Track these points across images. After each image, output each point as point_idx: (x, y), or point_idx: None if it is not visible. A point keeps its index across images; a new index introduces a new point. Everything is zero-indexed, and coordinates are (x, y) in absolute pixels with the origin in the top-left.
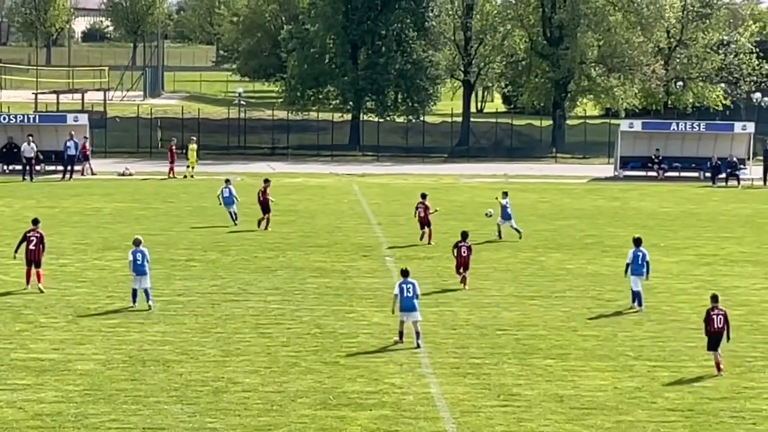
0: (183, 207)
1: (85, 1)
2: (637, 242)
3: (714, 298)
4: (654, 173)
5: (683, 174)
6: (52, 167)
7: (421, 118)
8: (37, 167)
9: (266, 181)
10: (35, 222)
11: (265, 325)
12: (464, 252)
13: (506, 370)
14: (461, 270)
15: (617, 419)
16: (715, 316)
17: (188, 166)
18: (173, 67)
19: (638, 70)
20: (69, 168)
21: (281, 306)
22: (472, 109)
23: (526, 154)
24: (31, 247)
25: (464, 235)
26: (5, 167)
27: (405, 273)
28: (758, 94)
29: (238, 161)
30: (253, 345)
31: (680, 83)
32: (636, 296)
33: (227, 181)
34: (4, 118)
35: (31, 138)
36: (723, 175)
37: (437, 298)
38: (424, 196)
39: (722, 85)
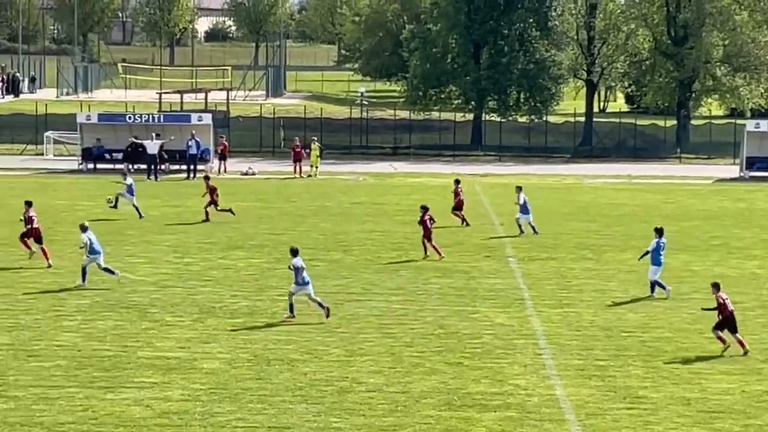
0: (305, 206)
1: (209, 1)
2: (660, 232)
3: (716, 286)
4: None
5: None
6: (177, 166)
7: (544, 118)
8: (162, 166)
9: (457, 181)
10: (29, 204)
11: (389, 326)
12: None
13: (632, 373)
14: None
15: (745, 423)
16: (725, 301)
17: (311, 166)
18: (295, 67)
19: (765, 69)
20: (192, 167)
21: (404, 306)
22: (595, 108)
23: (650, 154)
24: (35, 225)
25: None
26: (130, 167)
27: None
28: None
29: (360, 161)
30: (377, 345)
31: None
32: (655, 285)
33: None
34: (129, 118)
35: (155, 136)
36: None
37: (561, 299)
38: (457, 181)
39: None
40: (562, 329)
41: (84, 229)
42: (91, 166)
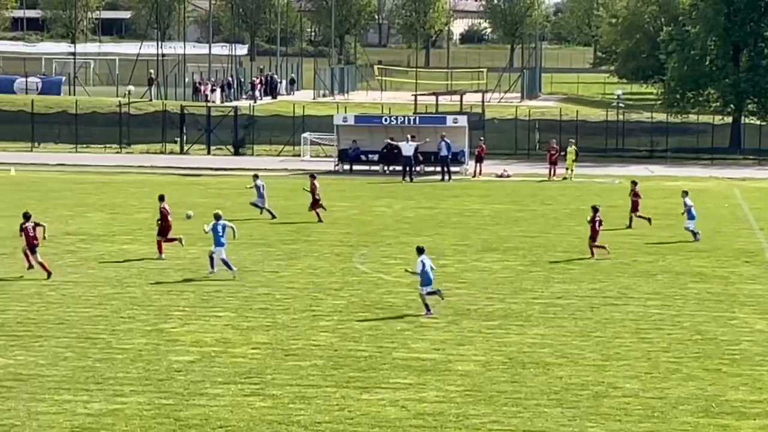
0: (561, 209)
1: (464, 3)
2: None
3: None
4: None
5: None
6: (431, 168)
7: None
8: (417, 168)
9: (634, 182)
10: (162, 198)
11: (645, 330)
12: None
13: None
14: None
15: None
16: None
17: (566, 168)
18: (550, 69)
19: None
20: (446, 169)
21: (661, 311)
22: None
23: None
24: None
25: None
26: (385, 168)
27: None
28: None
29: (616, 164)
30: (633, 350)
31: None
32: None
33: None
34: (385, 120)
35: (410, 138)
36: None
37: None
38: (634, 183)
39: None
40: None
41: (217, 217)
42: (347, 167)
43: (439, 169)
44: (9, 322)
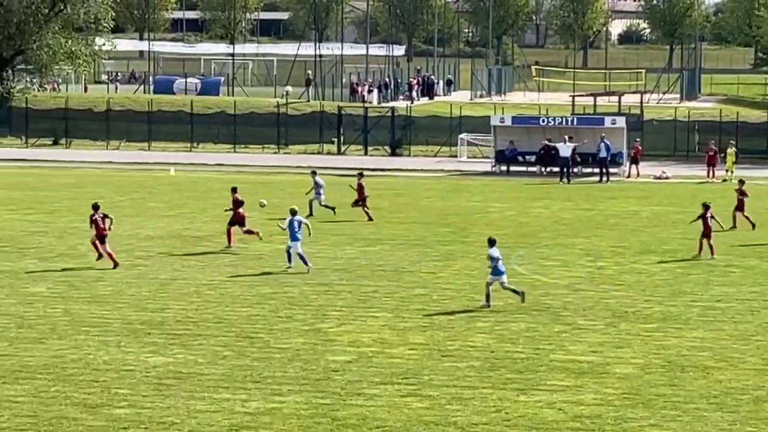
0: (720, 212)
1: (622, 3)
2: None
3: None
4: None
5: None
6: (589, 169)
7: None
8: (574, 169)
9: (741, 182)
10: (234, 190)
11: None
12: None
13: None
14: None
15: None
16: None
17: (726, 170)
18: (710, 70)
19: None
20: (604, 170)
21: None
22: None
23: None
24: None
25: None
26: (543, 169)
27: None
28: None
29: None
30: None
31: None
32: None
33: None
34: (542, 121)
35: (568, 139)
36: None
37: None
38: (741, 182)
39: None
40: None
41: (293, 213)
42: (504, 168)
43: (596, 170)
44: (168, 320)
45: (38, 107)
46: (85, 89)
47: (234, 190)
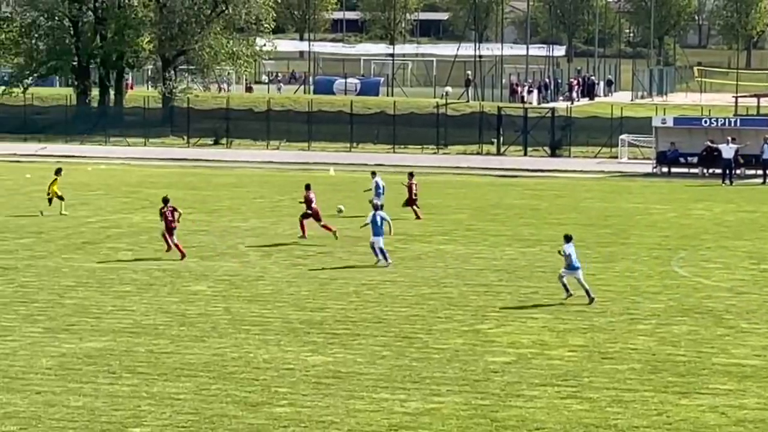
0: None
1: None
2: None
3: None
4: None
5: None
6: (752, 171)
7: None
8: (737, 171)
9: None
10: (308, 187)
11: None
12: None
13: None
14: None
15: None
16: None
17: None
18: None
19: None
20: (767, 172)
21: None
22: None
23: None
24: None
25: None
26: (705, 171)
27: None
28: None
29: None
30: None
31: None
32: None
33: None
34: (705, 122)
35: (731, 140)
36: None
37: None
38: None
39: None
40: None
41: (376, 208)
42: (665, 169)
43: (759, 172)
44: (328, 320)
45: (199, 107)
46: (250, 89)
47: (307, 187)
